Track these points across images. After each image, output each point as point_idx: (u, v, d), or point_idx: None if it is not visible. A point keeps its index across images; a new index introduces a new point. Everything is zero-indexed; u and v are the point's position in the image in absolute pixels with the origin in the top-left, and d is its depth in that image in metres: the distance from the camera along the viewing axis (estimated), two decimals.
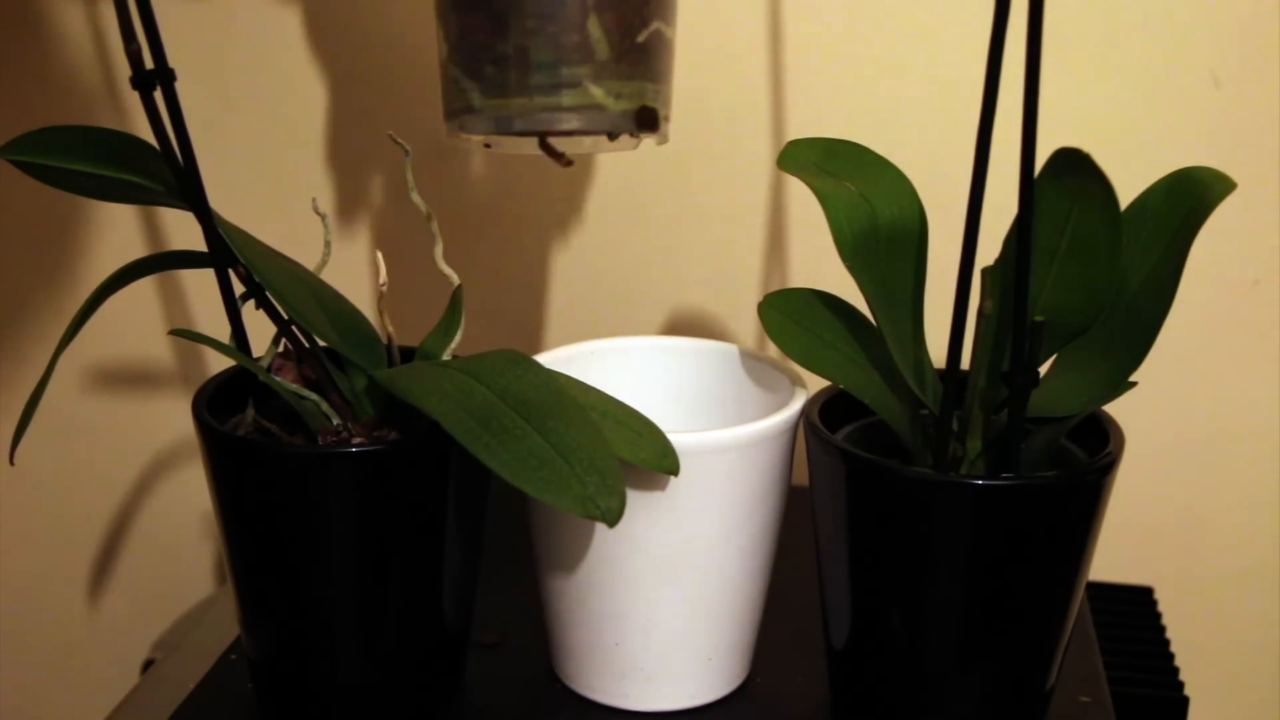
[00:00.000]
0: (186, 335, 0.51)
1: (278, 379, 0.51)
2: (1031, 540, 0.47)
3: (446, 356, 0.54)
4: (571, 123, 0.45)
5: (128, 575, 0.87)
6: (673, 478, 0.48)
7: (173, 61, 0.46)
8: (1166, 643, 0.67)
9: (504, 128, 0.44)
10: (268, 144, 0.76)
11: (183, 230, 0.79)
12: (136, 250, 0.80)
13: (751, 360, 0.58)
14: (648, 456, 0.47)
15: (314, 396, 0.51)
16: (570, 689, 0.55)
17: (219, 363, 0.77)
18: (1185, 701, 0.63)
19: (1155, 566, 0.76)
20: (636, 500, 0.49)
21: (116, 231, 0.80)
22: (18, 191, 0.80)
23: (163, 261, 0.52)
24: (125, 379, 0.83)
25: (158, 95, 0.46)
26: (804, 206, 0.73)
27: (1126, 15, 0.68)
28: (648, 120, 0.46)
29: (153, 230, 0.79)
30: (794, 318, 0.54)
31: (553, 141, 0.47)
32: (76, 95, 0.77)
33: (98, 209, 0.79)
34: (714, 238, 0.74)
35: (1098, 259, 0.45)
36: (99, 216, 0.80)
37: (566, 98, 0.45)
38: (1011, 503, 0.47)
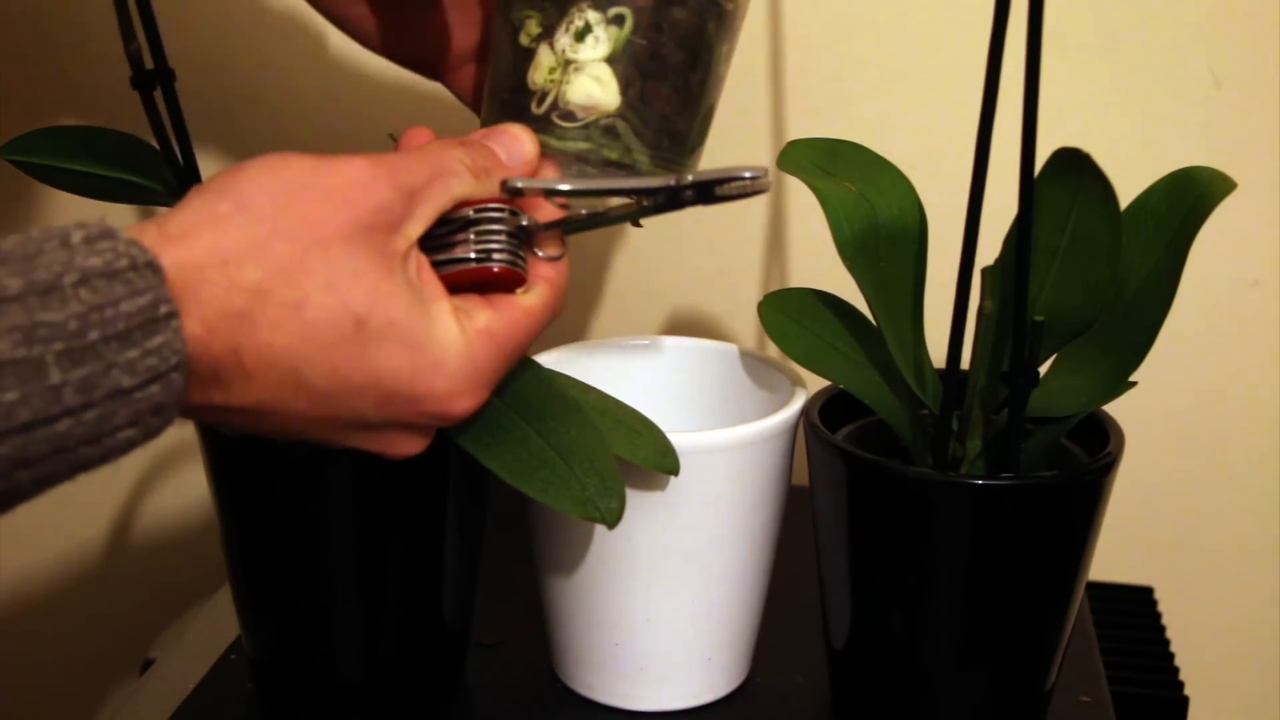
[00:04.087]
0: None
1: None
2: (1031, 540, 0.47)
3: None
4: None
5: (128, 575, 0.87)
6: (673, 478, 0.48)
7: (173, 61, 0.46)
8: (1166, 643, 0.67)
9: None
10: (268, 144, 0.76)
11: None
12: None
13: (751, 360, 0.58)
14: (648, 456, 0.47)
15: None
16: (570, 689, 0.55)
17: None
18: (1185, 701, 0.63)
19: (1155, 566, 0.76)
20: (636, 500, 0.49)
21: None
22: (17, 191, 0.80)
23: None
24: None
25: (158, 95, 0.46)
26: (804, 206, 0.73)
27: (1126, 15, 0.68)
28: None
29: None
30: (794, 318, 0.53)
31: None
32: (77, 95, 0.77)
33: (98, 209, 0.79)
34: (714, 238, 0.74)
35: (1098, 259, 0.45)
36: (99, 217, 0.79)
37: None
38: (1011, 503, 0.47)
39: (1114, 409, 0.51)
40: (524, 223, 0.42)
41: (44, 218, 0.80)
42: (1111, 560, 0.74)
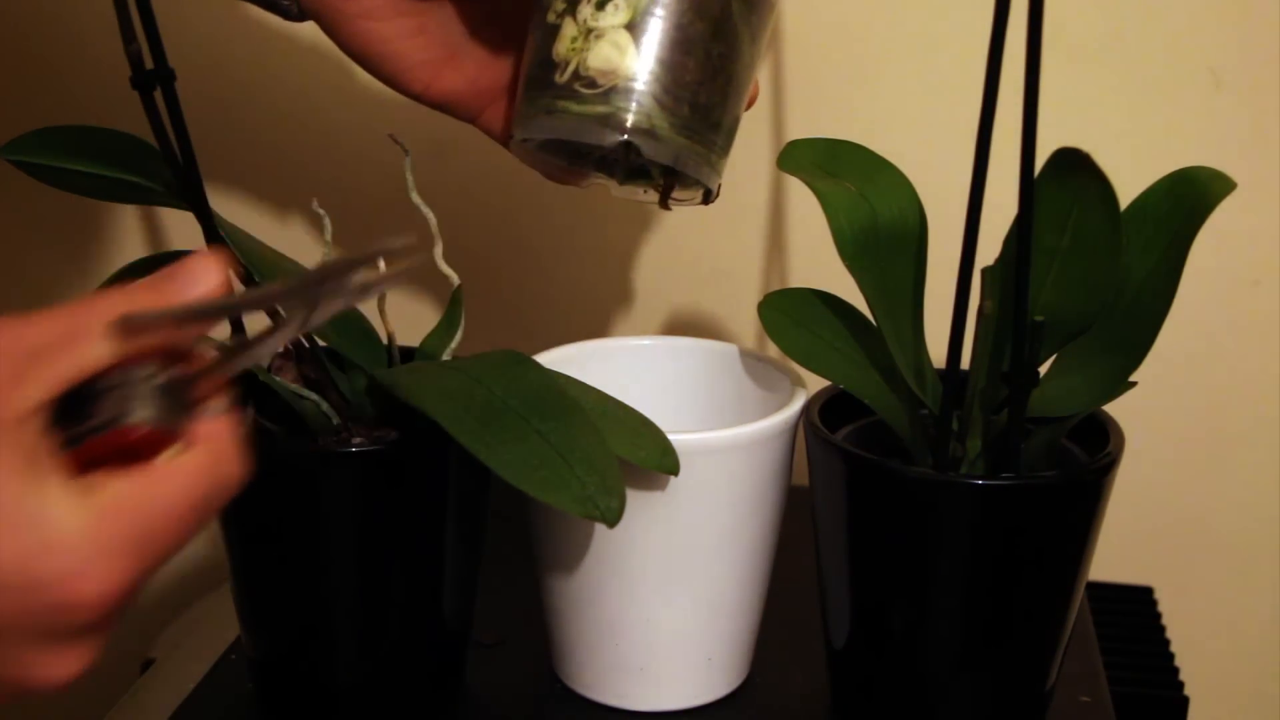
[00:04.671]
0: None
1: (278, 379, 0.51)
2: (1031, 540, 0.47)
3: (446, 356, 0.54)
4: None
5: None
6: (673, 478, 0.48)
7: (173, 61, 0.46)
8: (1166, 643, 0.67)
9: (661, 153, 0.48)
10: (268, 144, 0.76)
11: (183, 230, 0.79)
12: (136, 250, 0.80)
13: (751, 360, 0.58)
14: (648, 456, 0.47)
15: (314, 396, 0.51)
16: (570, 689, 0.55)
17: None
18: (1185, 701, 0.63)
19: (1155, 566, 0.75)
20: (636, 500, 0.49)
21: (116, 231, 0.80)
22: (18, 191, 0.80)
23: (163, 261, 0.52)
24: None
25: (158, 95, 0.46)
26: (804, 206, 0.73)
27: (1126, 15, 0.68)
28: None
29: (153, 230, 0.79)
30: (794, 318, 0.54)
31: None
32: (77, 95, 0.77)
33: (98, 209, 0.79)
34: (714, 238, 0.74)
35: (1098, 259, 0.45)
36: (99, 216, 0.80)
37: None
38: (1011, 503, 0.47)
39: (1114, 409, 0.51)
40: (171, 376, 0.35)
41: (44, 218, 0.80)
42: (1111, 560, 0.74)
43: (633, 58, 0.47)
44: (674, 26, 0.48)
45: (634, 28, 0.47)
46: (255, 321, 0.52)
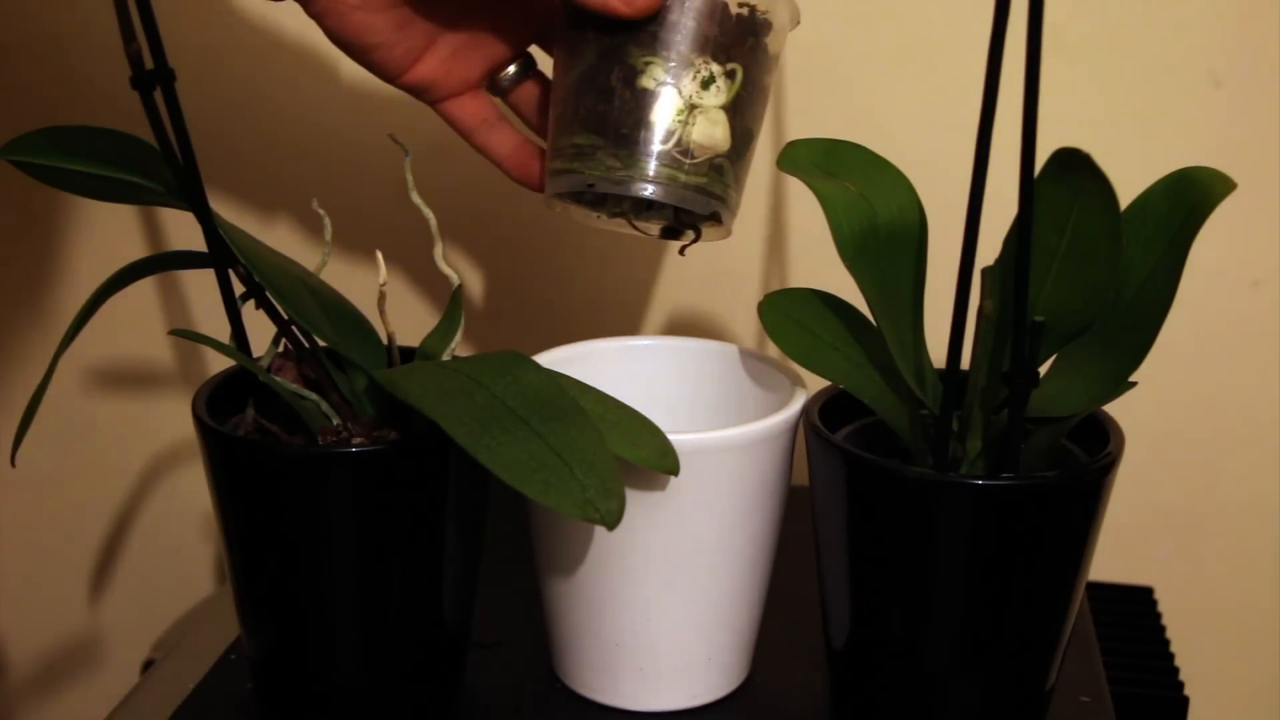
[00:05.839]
0: (186, 335, 0.51)
1: (278, 379, 0.51)
2: (1031, 540, 0.47)
3: (446, 356, 0.54)
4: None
5: (128, 575, 0.87)
6: (673, 478, 0.48)
7: (173, 61, 0.46)
8: (1166, 643, 0.67)
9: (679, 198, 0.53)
10: (268, 144, 0.76)
11: (183, 230, 0.79)
12: (136, 250, 0.80)
13: (751, 360, 0.58)
14: (648, 456, 0.47)
15: (314, 396, 0.51)
16: (570, 689, 0.55)
17: (219, 363, 0.77)
18: (1185, 701, 0.63)
19: (1155, 566, 0.76)
20: (636, 500, 0.49)
21: (116, 231, 0.80)
22: (17, 191, 0.80)
23: (163, 261, 0.52)
24: (125, 379, 0.83)
25: (158, 95, 0.46)
26: (804, 206, 0.73)
27: (1126, 15, 0.68)
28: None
29: (153, 230, 0.79)
30: (794, 318, 0.54)
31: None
32: (77, 95, 0.77)
33: (98, 209, 0.79)
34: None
35: (1098, 259, 0.45)
36: (99, 216, 0.80)
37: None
38: (1011, 503, 0.47)
39: (1114, 409, 0.51)
40: None
41: (44, 218, 0.80)
42: (1111, 560, 0.74)
43: (726, 136, 0.52)
44: (749, 105, 0.53)
45: (728, 108, 0.52)
46: (261, 335, 0.52)
